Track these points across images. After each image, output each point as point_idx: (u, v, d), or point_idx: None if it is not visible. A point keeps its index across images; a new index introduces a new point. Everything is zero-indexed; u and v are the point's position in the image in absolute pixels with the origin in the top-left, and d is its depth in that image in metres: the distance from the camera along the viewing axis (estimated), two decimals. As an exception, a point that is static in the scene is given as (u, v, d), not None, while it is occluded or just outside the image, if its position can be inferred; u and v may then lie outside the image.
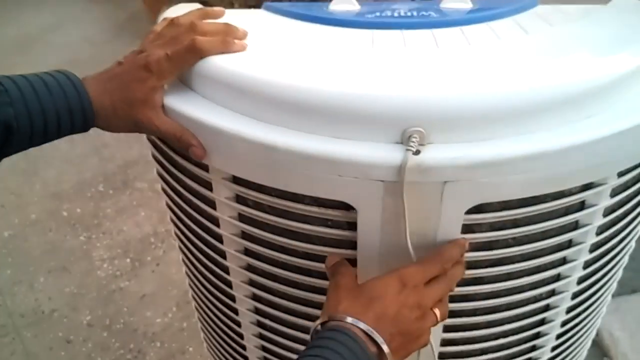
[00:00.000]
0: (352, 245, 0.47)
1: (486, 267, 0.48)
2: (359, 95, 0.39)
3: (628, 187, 0.48)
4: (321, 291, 0.51)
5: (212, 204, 0.51)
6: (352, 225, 0.46)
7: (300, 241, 0.48)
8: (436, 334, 0.52)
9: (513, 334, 0.56)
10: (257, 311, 0.59)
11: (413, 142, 0.38)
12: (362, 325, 0.39)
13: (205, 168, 0.49)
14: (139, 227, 1.79)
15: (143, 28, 2.98)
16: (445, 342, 0.54)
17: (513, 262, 0.48)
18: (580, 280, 0.53)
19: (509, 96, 0.38)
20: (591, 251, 0.51)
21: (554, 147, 0.38)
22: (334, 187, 0.41)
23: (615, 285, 0.63)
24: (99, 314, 1.52)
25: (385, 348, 0.39)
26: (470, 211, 0.42)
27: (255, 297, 0.57)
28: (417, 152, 0.38)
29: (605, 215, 0.48)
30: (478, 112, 0.38)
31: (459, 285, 0.49)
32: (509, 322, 0.54)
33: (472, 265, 0.48)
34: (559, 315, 0.56)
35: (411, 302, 0.41)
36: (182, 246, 0.64)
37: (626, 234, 0.53)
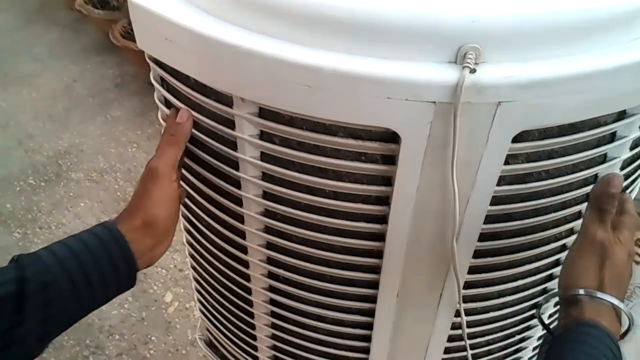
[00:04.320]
0: (387, 181, 0.45)
1: (517, 202, 0.48)
2: (413, 12, 0.37)
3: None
4: (344, 234, 0.50)
5: (232, 145, 0.48)
6: (389, 159, 0.44)
7: (329, 179, 0.47)
8: (461, 276, 0.51)
9: (530, 275, 0.56)
10: (269, 261, 0.56)
11: (469, 59, 0.37)
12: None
13: (229, 103, 0.46)
14: (80, 219, 1.68)
15: (57, 14, 2.74)
16: (467, 285, 0.54)
17: (542, 197, 0.48)
18: (599, 218, 0.54)
19: (565, 13, 0.37)
20: (613, 187, 0.51)
21: (606, 66, 0.38)
22: (379, 113, 0.40)
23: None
24: (46, 312, 1.42)
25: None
26: (514, 139, 0.42)
27: (269, 246, 0.55)
28: (474, 71, 0.37)
29: (631, 148, 0.49)
30: (534, 29, 0.37)
31: (489, 222, 0.48)
32: (528, 262, 0.54)
33: (504, 200, 0.47)
34: (574, 255, 0.56)
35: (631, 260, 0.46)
36: (187, 197, 0.60)
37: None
